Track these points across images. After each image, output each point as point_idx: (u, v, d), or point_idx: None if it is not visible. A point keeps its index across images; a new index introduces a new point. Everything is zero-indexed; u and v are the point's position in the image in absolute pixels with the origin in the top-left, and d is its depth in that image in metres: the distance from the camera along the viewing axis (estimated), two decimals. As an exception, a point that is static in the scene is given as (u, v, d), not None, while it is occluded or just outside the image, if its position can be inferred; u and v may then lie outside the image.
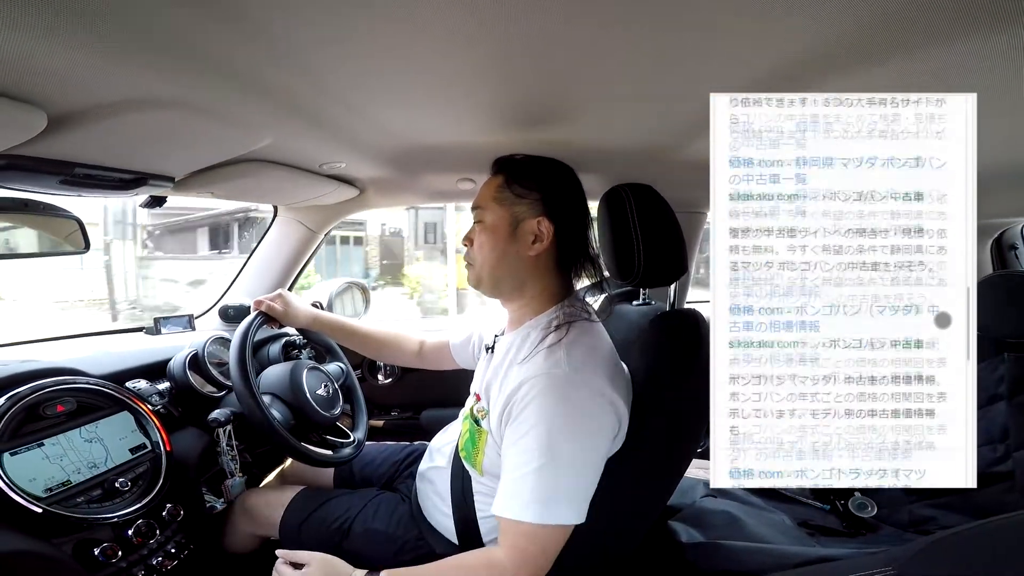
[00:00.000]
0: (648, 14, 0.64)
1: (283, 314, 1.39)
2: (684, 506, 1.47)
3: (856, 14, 0.64)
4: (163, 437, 1.21)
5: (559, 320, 1.02)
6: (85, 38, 0.62)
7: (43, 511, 0.96)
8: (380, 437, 2.01)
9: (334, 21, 0.65)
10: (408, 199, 1.92)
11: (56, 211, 1.13)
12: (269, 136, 1.09)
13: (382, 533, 1.17)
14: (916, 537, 1.42)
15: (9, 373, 1.08)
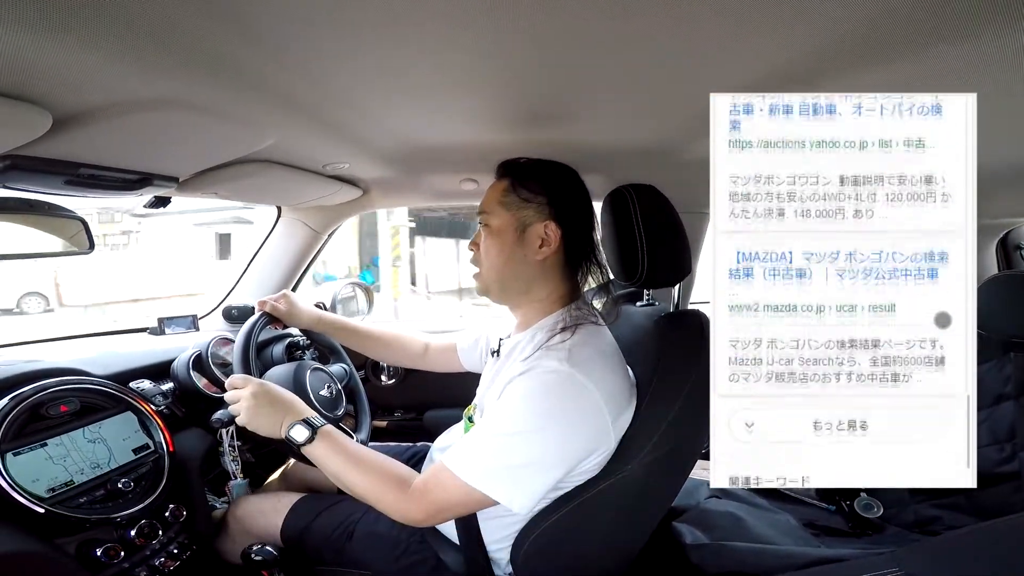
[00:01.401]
0: (652, 13, 0.64)
1: (287, 314, 1.39)
2: (688, 507, 1.46)
3: (857, 14, 0.64)
4: (166, 437, 1.22)
5: (565, 322, 1.02)
6: (91, 39, 0.62)
7: (46, 511, 0.96)
8: (383, 438, 2.01)
9: (338, 22, 0.65)
10: (411, 199, 1.93)
11: (61, 211, 1.13)
12: (273, 136, 1.09)
13: (384, 536, 1.16)
14: (922, 538, 1.42)
15: (12, 373, 1.08)
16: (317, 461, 1.01)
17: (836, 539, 1.42)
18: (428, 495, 0.94)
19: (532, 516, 1.01)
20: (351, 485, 0.98)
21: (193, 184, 1.31)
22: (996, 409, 1.50)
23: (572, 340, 0.97)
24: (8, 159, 0.89)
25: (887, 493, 1.52)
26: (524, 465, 0.90)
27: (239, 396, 1.06)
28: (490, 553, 1.07)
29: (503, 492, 0.90)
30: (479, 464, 0.91)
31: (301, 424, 1.00)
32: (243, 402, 1.05)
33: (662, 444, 0.95)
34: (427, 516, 0.95)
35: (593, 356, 0.97)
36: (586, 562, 1.03)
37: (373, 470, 0.98)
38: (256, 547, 1.13)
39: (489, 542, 1.07)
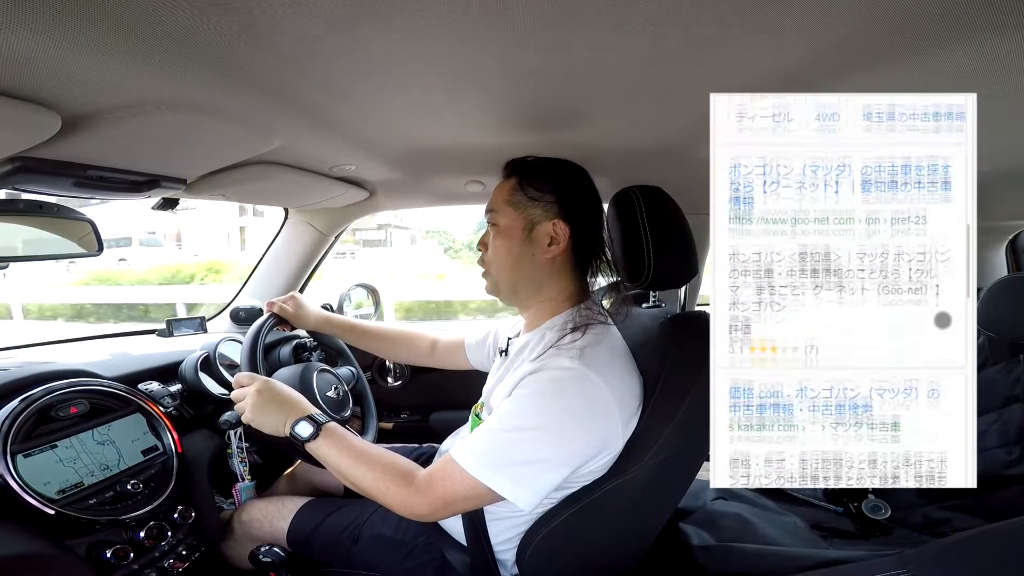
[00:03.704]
0: (655, 15, 0.64)
1: (294, 316, 1.39)
2: (695, 508, 1.46)
3: (857, 15, 0.64)
4: (175, 439, 1.22)
5: (575, 322, 1.02)
6: (100, 42, 0.62)
7: (56, 513, 0.97)
8: (389, 439, 2.01)
9: (345, 24, 0.65)
10: (417, 201, 1.93)
11: (70, 213, 1.14)
12: (280, 138, 1.10)
13: (391, 538, 1.16)
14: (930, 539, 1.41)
15: (22, 375, 1.09)
16: (321, 457, 1.01)
17: (844, 541, 1.41)
18: (433, 488, 0.93)
19: (538, 517, 1.01)
20: (356, 480, 0.98)
21: (201, 186, 1.32)
22: (1005, 411, 1.49)
23: (583, 339, 0.97)
24: (17, 161, 0.90)
25: (895, 495, 1.51)
26: (532, 461, 0.90)
27: (244, 393, 1.07)
28: (496, 554, 1.07)
29: (509, 487, 0.89)
30: (486, 458, 0.90)
31: (305, 420, 1.01)
32: (248, 399, 1.05)
33: (668, 445, 0.95)
34: (432, 510, 0.94)
35: (605, 356, 0.96)
36: (592, 563, 1.03)
37: (378, 464, 0.97)
38: (264, 548, 1.14)
39: (496, 543, 1.07)
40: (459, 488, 0.91)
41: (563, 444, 0.91)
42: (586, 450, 0.93)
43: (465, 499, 0.93)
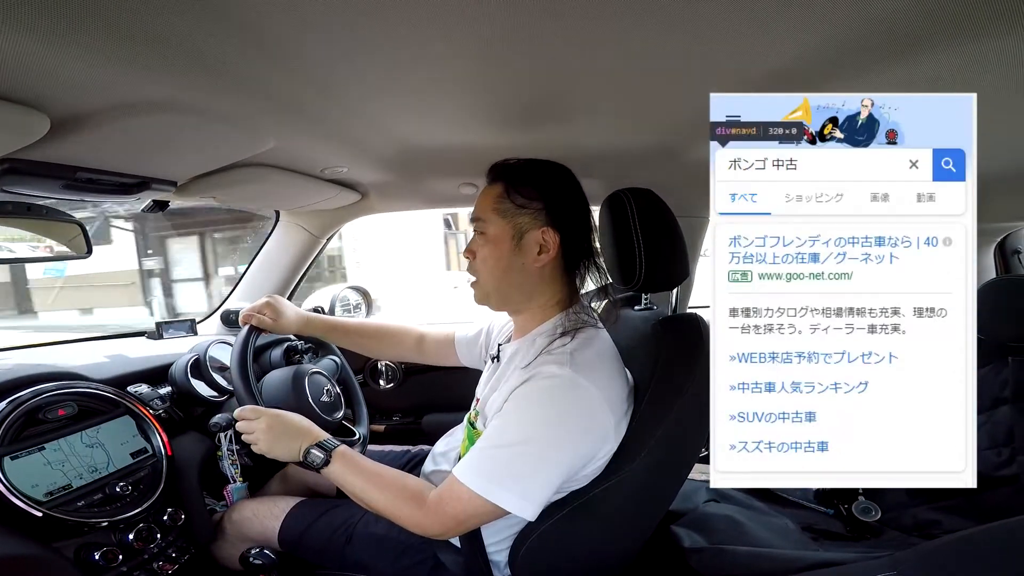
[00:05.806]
0: (649, 15, 0.64)
1: (273, 325, 1.33)
2: (687, 510, 1.46)
3: (857, 16, 0.65)
4: (164, 441, 1.21)
5: (564, 327, 1.02)
6: (90, 42, 0.62)
7: (44, 515, 0.96)
8: (382, 441, 2.00)
9: (337, 26, 0.65)
10: (410, 204, 1.92)
11: (59, 215, 1.13)
12: (272, 140, 1.10)
13: (384, 538, 1.16)
14: (920, 541, 1.41)
15: (10, 377, 1.08)
16: (334, 480, 1.03)
17: (834, 543, 1.41)
18: (444, 509, 0.95)
19: None
20: (369, 502, 1.00)
21: (191, 188, 1.31)
22: (994, 413, 1.49)
23: (572, 344, 0.97)
24: (6, 163, 0.89)
25: (885, 496, 1.51)
26: (533, 474, 0.91)
27: (254, 428, 1.08)
28: (489, 555, 1.07)
29: (515, 502, 0.90)
30: (490, 477, 0.91)
31: (316, 448, 1.03)
32: (258, 434, 1.07)
33: (660, 447, 0.95)
34: (445, 529, 0.96)
35: (594, 359, 0.97)
36: (584, 564, 1.03)
37: (390, 487, 0.99)
38: (255, 551, 1.13)
39: (488, 544, 1.07)
40: (468, 507, 0.93)
41: (561, 453, 0.92)
42: (583, 454, 0.94)
43: (475, 516, 0.94)
